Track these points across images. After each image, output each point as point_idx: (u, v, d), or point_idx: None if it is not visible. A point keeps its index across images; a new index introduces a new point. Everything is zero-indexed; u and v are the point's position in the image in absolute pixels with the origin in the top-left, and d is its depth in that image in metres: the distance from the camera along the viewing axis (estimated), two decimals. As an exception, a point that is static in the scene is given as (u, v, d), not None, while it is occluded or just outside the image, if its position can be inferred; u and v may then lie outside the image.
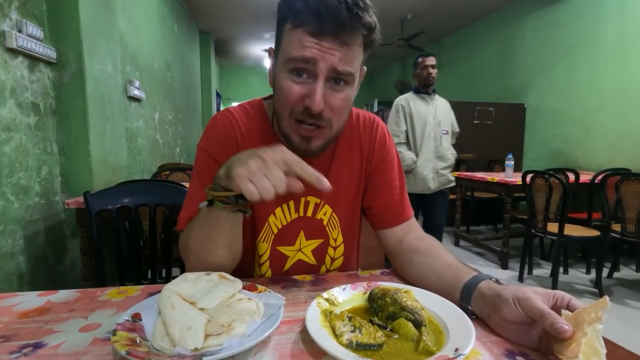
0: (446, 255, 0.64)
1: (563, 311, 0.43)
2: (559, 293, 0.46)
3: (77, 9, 1.78)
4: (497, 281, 0.54)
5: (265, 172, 0.48)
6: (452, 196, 3.83)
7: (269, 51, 0.64)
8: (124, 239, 1.31)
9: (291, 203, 0.74)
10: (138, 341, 0.44)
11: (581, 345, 0.37)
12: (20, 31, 1.55)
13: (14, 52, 1.54)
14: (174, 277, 1.50)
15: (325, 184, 0.49)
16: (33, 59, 1.65)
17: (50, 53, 1.72)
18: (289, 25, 0.56)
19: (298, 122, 0.60)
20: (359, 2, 0.54)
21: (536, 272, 2.81)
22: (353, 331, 0.46)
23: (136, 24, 2.95)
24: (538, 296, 0.45)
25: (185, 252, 0.65)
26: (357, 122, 0.77)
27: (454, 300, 0.54)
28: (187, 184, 1.68)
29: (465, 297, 0.54)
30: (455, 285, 0.56)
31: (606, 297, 0.39)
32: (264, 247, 0.74)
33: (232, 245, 0.63)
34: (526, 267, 2.68)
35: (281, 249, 0.76)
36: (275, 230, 0.74)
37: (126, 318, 0.48)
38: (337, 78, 0.58)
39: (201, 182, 0.68)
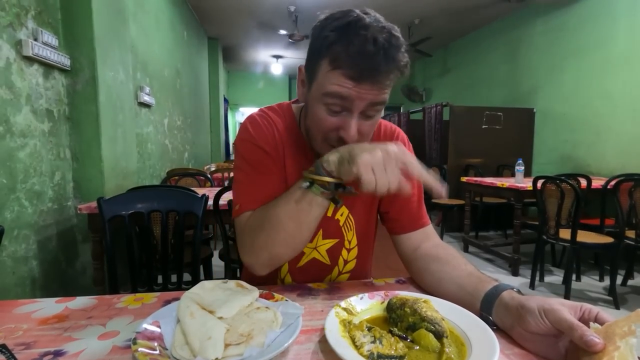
0: (465, 264, 0.63)
1: (592, 324, 0.42)
2: (586, 306, 0.45)
3: (91, 18, 1.81)
4: (519, 291, 0.53)
5: (387, 166, 0.50)
6: (460, 201, 3.81)
7: (300, 68, 0.66)
8: (136, 245, 1.32)
9: None
10: (158, 350, 0.44)
11: (614, 359, 0.36)
12: (36, 39, 1.58)
13: (30, 59, 1.57)
14: (185, 283, 1.50)
15: (445, 191, 0.52)
16: (48, 67, 1.68)
17: (65, 61, 1.76)
18: (327, 65, 0.57)
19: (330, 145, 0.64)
20: (394, 41, 0.55)
21: (548, 279, 2.76)
22: (373, 342, 0.46)
23: (147, 31, 3.00)
24: (565, 308, 0.44)
25: (252, 231, 0.65)
26: (378, 131, 0.79)
27: (473, 310, 0.54)
28: (197, 189, 1.70)
29: (486, 307, 0.53)
30: (475, 294, 0.55)
31: (639, 311, 0.38)
32: None
33: (312, 230, 0.64)
34: (537, 273, 2.64)
35: None
36: None
37: (145, 326, 0.48)
38: (370, 110, 0.60)
39: (252, 167, 0.70)
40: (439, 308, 0.54)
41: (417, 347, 0.47)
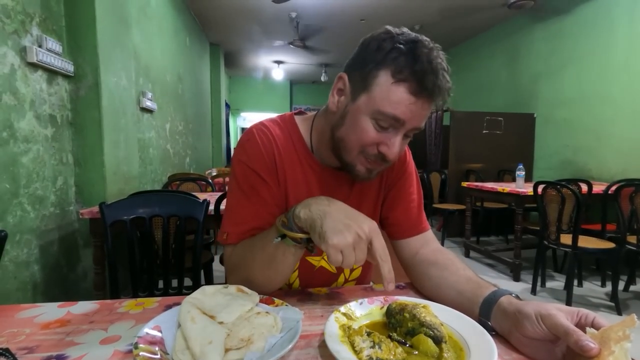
0: (464, 270, 0.64)
1: (588, 329, 0.42)
2: (583, 311, 0.45)
3: (95, 24, 1.84)
4: (518, 297, 0.53)
5: (356, 247, 0.50)
6: (461, 206, 3.81)
7: (341, 76, 0.64)
8: (137, 250, 1.33)
9: None
10: (159, 355, 0.45)
11: None
12: (40, 46, 1.60)
13: (34, 66, 1.59)
14: (186, 288, 1.50)
15: (391, 287, 0.52)
16: (52, 73, 1.70)
17: (68, 67, 1.77)
18: (390, 77, 0.57)
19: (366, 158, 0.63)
20: (447, 67, 0.58)
21: (549, 284, 2.76)
22: (373, 347, 0.46)
23: (149, 37, 3.03)
24: (562, 313, 0.45)
25: (237, 269, 0.67)
26: None
27: (472, 316, 0.54)
28: (198, 194, 1.70)
29: (485, 312, 0.53)
30: (474, 300, 0.56)
31: (634, 316, 0.39)
32: None
33: (289, 274, 0.64)
34: (539, 279, 2.63)
35: (309, 259, 0.78)
36: None
37: (146, 331, 0.48)
38: (410, 132, 0.62)
39: (244, 194, 0.69)
40: (438, 313, 0.54)
41: (416, 352, 0.48)
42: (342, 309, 0.56)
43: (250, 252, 0.65)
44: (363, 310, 0.58)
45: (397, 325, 0.52)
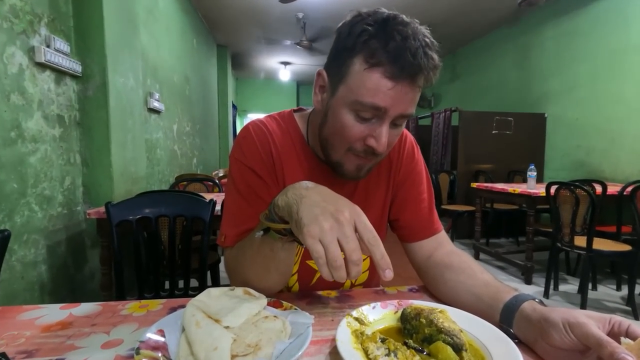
0: (482, 273, 0.60)
1: (622, 339, 0.39)
2: (616, 318, 0.42)
3: (103, 25, 1.84)
4: (541, 302, 0.50)
5: (338, 234, 0.42)
6: (470, 208, 3.76)
7: (319, 72, 0.61)
8: (144, 250, 1.31)
9: None
10: (162, 361, 0.42)
11: None
12: (48, 46, 1.60)
13: (42, 66, 1.59)
14: (192, 289, 1.48)
15: (388, 275, 0.43)
16: (60, 73, 1.70)
17: (76, 67, 1.77)
18: (363, 62, 0.53)
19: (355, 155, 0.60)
20: (430, 43, 0.53)
21: (562, 287, 2.69)
22: (388, 354, 0.43)
23: (157, 38, 3.04)
24: (592, 321, 0.41)
25: (234, 272, 0.64)
26: None
27: (492, 322, 0.51)
28: (205, 195, 1.69)
29: (506, 319, 0.50)
30: (494, 305, 0.53)
31: None
32: (294, 261, 0.72)
33: (285, 271, 0.61)
34: (552, 282, 2.57)
35: (310, 262, 0.74)
36: None
37: (149, 335, 0.46)
38: (398, 120, 0.57)
39: (240, 193, 0.66)
40: (456, 319, 0.51)
41: (434, 361, 0.44)
42: (354, 313, 0.53)
43: (242, 252, 0.62)
44: (376, 314, 0.55)
45: (413, 332, 0.49)
